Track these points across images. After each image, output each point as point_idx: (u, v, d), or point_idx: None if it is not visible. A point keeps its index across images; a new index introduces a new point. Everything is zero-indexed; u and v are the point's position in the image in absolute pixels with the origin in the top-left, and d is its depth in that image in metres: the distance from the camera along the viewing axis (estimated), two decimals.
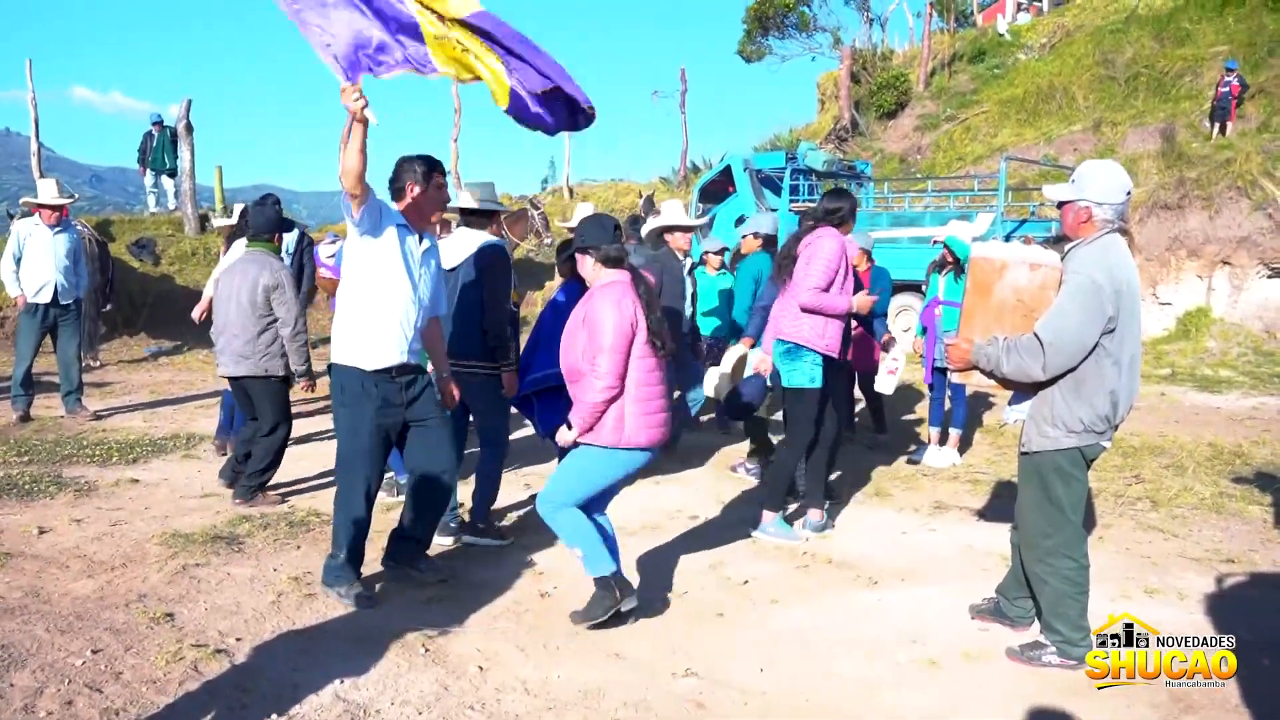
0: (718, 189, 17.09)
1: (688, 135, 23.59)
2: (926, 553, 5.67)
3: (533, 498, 6.30)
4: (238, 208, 10.06)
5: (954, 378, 4.26)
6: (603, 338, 4.15)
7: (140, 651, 3.98)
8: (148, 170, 16.85)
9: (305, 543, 5.55)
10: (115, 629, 4.19)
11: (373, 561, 5.01)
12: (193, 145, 16.58)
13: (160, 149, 16.56)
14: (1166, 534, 6.01)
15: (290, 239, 9.29)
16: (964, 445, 8.29)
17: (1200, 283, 15.18)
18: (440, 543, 5.51)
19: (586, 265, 4.40)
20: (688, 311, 7.60)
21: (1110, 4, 25.36)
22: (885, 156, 22.92)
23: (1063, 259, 3.90)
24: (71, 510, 6.01)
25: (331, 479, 6.90)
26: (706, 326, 8.54)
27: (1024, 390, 3.98)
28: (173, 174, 16.75)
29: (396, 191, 4.63)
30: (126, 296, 14.61)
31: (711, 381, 6.77)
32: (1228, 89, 16.71)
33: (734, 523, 6.16)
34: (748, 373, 6.31)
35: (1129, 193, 3.86)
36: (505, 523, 6.08)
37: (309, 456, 7.55)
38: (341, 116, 4.00)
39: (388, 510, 5.89)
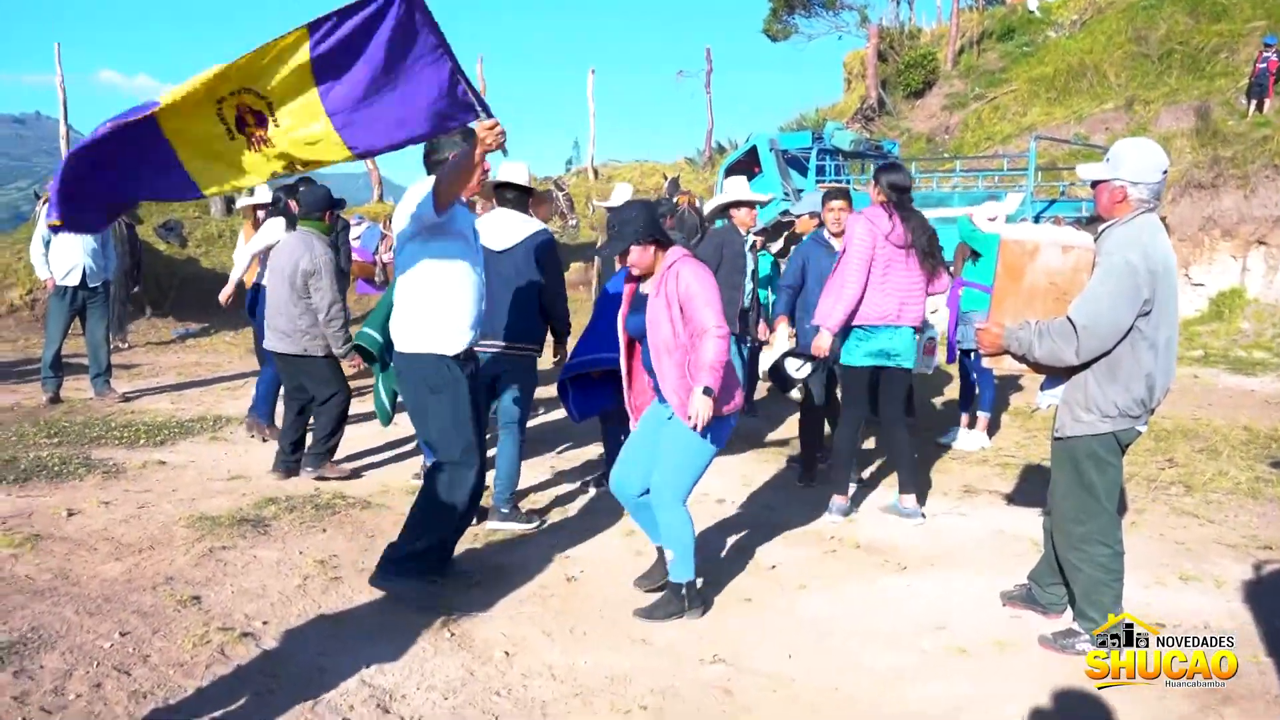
0: (743, 169, 16.94)
1: (713, 115, 23.41)
2: (956, 538, 5.61)
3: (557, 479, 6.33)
4: (261, 187, 10.08)
5: (984, 363, 4.18)
6: (707, 293, 4.15)
7: (167, 634, 3.99)
8: None
9: (331, 526, 5.55)
10: (143, 611, 4.20)
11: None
12: None
13: None
14: (1202, 519, 5.92)
15: None
16: (992, 428, 8.20)
17: (1234, 263, 14.97)
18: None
19: (648, 254, 4.31)
20: (748, 288, 7.53)
21: None
22: (912, 136, 22.70)
23: (1096, 240, 3.82)
24: (100, 492, 6.03)
25: (362, 462, 7.01)
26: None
27: (1057, 375, 3.90)
28: None
29: (435, 164, 4.42)
30: (154, 279, 14.68)
31: (768, 362, 6.65)
32: (1265, 64, 16.41)
33: (760, 507, 6.12)
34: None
35: (1165, 172, 3.77)
36: (530, 506, 6.06)
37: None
38: None
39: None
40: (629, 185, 9.71)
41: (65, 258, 8.81)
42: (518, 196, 5.67)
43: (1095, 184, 3.87)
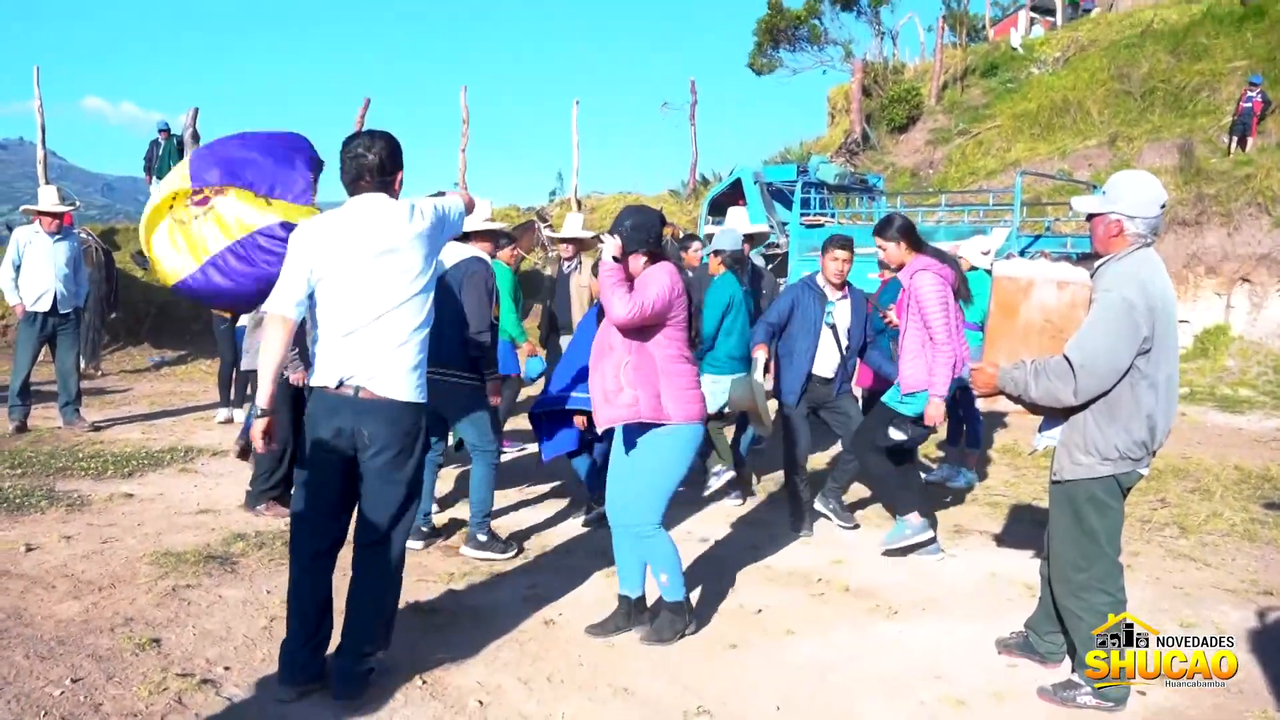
0: (727, 202, 16.88)
1: (697, 147, 23.33)
2: (947, 580, 5.44)
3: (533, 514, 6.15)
4: None
5: (979, 403, 4.04)
6: (647, 291, 4.11)
7: (123, 681, 3.79)
8: (154, 179, 16.69)
9: None
10: (98, 655, 3.99)
11: None
12: None
13: (167, 157, 16.39)
14: (1199, 563, 5.78)
15: None
16: (981, 465, 8.06)
17: (1219, 300, 14.95)
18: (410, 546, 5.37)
19: (640, 262, 4.28)
20: None
21: (1125, 18, 25.14)
22: (897, 170, 22.69)
23: (1092, 275, 3.69)
24: (62, 526, 5.82)
25: None
26: None
27: (1055, 415, 3.76)
28: None
29: (386, 183, 3.81)
30: (130, 306, 14.48)
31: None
32: (1250, 104, 16.47)
33: (745, 547, 5.95)
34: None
35: (1163, 205, 3.64)
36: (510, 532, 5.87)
37: None
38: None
39: None
40: (580, 215, 9.62)
41: (36, 283, 8.62)
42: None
43: (1091, 217, 3.75)
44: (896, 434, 5.59)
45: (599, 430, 4.58)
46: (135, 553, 5.37)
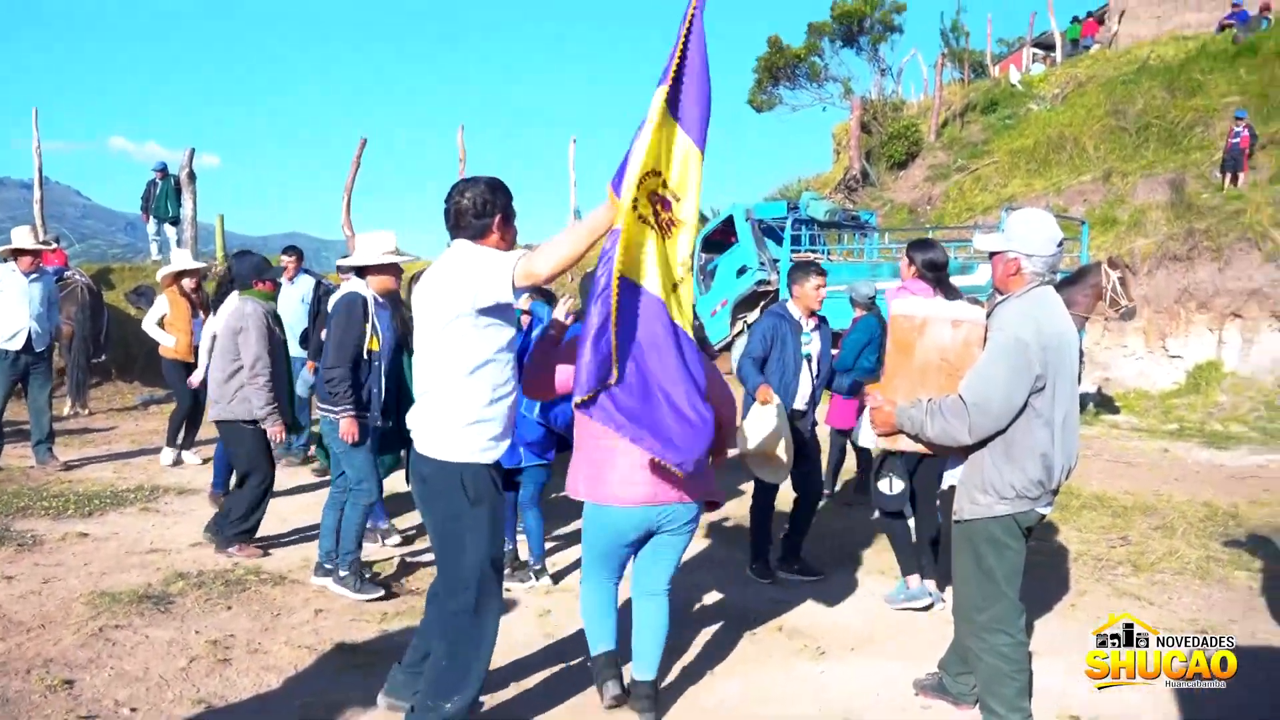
0: (720, 239, 16.94)
1: None
2: (886, 621, 5.41)
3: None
4: (178, 253, 10.09)
5: (881, 443, 4.03)
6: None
7: None
8: (150, 217, 16.88)
9: (238, 603, 5.36)
10: (6, 698, 4.00)
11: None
12: (195, 194, 16.66)
13: (164, 196, 16.58)
14: (1143, 601, 5.72)
15: (307, 287, 9.35)
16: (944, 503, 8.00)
17: (1211, 335, 14.88)
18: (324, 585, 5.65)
19: None
20: None
21: (1122, 55, 25.21)
22: (895, 207, 22.72)
23: (989, 314, 3.69)
24: (8, 566, 5.85)
25: (292, 535, 6.82)
26: None
27: (954, 454, 3.75)
28: (175, 222, 16.78)
29: (483, 228, 3.60)
30: (122, 344, 14.55)
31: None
32: (1238, 139, 16.46)
33: (689, 587, 5.91)
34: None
35: (1060, 244, 3.65)
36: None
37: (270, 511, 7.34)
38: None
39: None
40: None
41: (10, 321, 8.69)
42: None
43: (992, 255, 3.75)
44: (885, 486, 5.54)
45: None
46: (74, 593, 5.39)
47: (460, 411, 3.49)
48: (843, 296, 8.64)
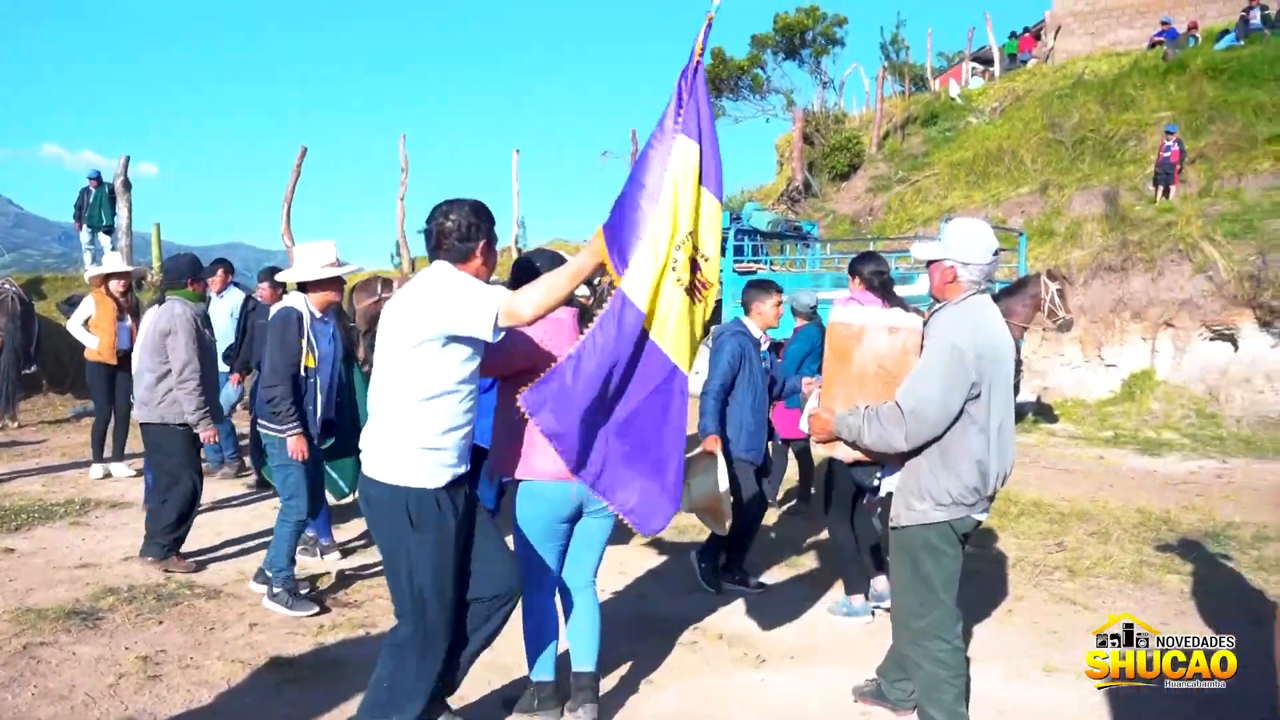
0: None
1: None
2: (824, 628, 5.43)
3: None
4: (112, 255, 9.87)
5: (819, 450, 4.04)
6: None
7: None
8: (85, 226, 16.53)
9: (170, 618, 5.25)
10: None
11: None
12: (130, 202, 16.36)
13: (98, 205, 16.25)
14: (1079, 606, 5.79)
15: (236, 301, 9.06)
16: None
17: (1144, 345, 15.15)
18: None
19: None
20: None
21: (1058, 70, 25.73)
22: (837, 218, 22.96)
23: (926, 322, 3.72)
24: None
25: (226, 548, 6.70)
26: None
27: (891, 461, 3.77)
28: (110, 230, 16.45)
29: (466, 252, 3.53)
30: (53, 355, 14.23)
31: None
32: (1169, 153, 16.83)
33: (635, 597, 5.90)
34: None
35: (996, 253, 3.69)
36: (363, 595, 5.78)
37: (205, 525, 7.21)
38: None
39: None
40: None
41: None
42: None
43: (929, 264, 3.78)
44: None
45: None
46: None
47: (412, 437, 3.40)
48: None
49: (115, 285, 8.75)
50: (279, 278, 7.57)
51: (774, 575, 6.40)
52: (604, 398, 3.45)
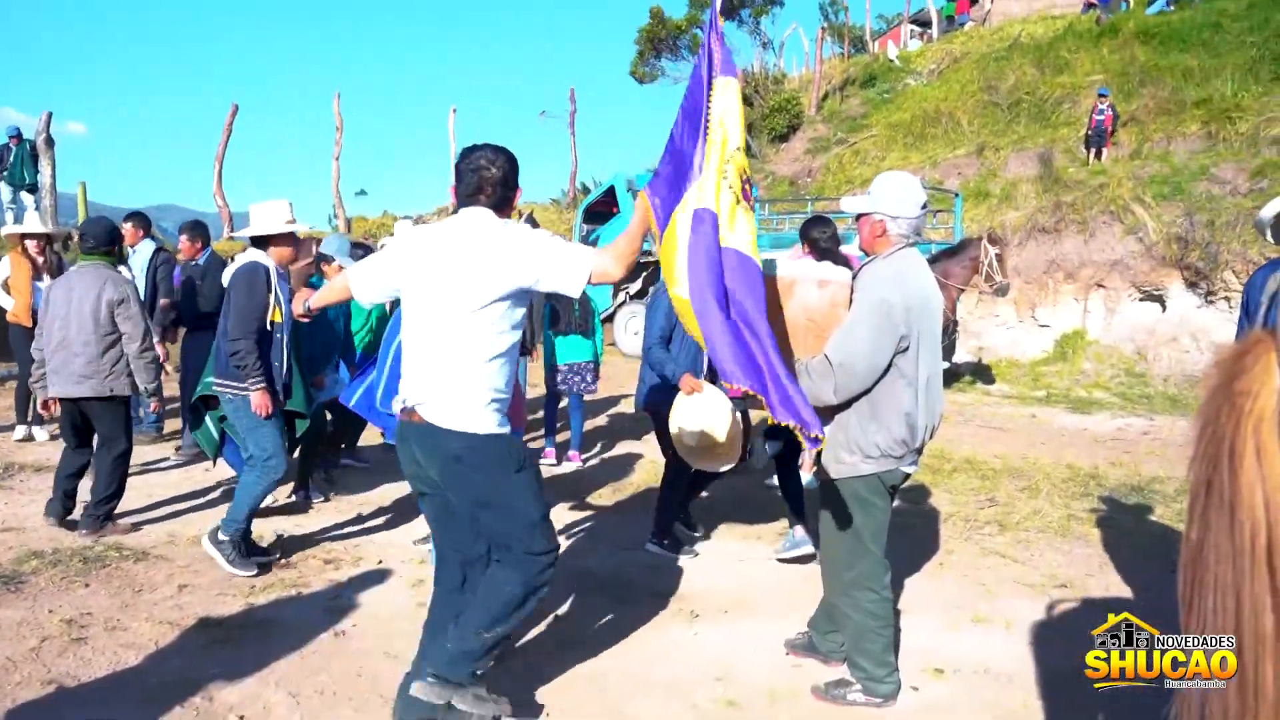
0: (602, 209, 16.92)
1: (577, 156, 23.35)
2: (762, 583, 5.47)
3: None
4: (31, 215, 9.57)
5: (749, 403, 4.05)
6: None
7: None
8: (5, 185, 16.04)
9: (96, 580, 5.15)
10: None
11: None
12: (54, 160, 15.91)
13: (19, 163, 15.78)
14: (1008, 559, 5.90)
15: (145, 253, 8.70)
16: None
17: (1077, 305, 15.41)
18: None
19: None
20: None
21: (995, 33, 25.90)
22: (776, 179, 22.99)
23: (855, 276, 3.73)
24: None
25: (156, 510, 6.57)
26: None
27: (822, 415, 3.78)
28: (33, 189, 15.99)
29: (505, 200, 3.56)
30: None
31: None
32: (1102, 116, 17.05)
33: (565, 555, 5.88)
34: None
35: (924, 206, 3.71)
36: (326, 553, 5.73)
37: (136, 487, 7.06)
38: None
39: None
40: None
41: None
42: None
43: (858, 218, 3.79)
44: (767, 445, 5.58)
45: None
46: None
47: (488, 390, 3.40)
48: None
49: (31, 245, 8.50)
50: (239, 234, 7.33)
51: (704, 532, 6.43)
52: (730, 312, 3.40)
